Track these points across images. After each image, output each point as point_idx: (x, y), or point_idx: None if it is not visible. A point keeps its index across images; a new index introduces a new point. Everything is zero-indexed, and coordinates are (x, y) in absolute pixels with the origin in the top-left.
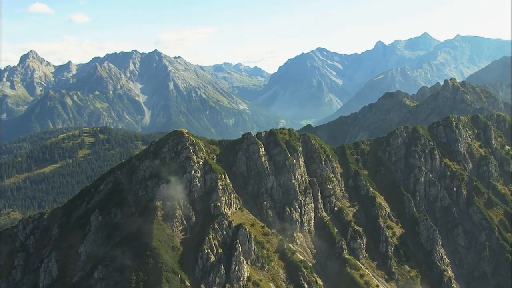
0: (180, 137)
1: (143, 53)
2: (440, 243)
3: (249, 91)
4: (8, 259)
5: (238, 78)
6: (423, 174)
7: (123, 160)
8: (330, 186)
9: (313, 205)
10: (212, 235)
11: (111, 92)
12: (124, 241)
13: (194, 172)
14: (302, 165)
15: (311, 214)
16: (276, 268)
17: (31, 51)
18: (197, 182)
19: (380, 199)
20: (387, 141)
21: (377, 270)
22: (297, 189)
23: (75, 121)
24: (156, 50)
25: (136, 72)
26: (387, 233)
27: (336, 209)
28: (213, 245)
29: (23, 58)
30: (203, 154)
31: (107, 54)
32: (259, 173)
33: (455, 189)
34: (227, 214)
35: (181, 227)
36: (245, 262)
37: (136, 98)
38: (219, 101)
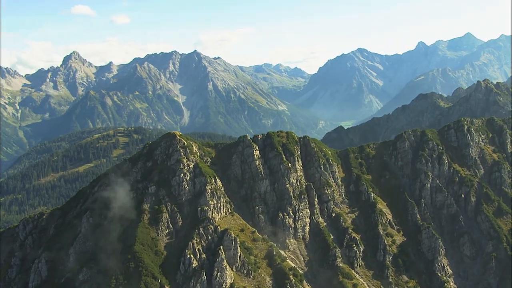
0: (172, 140)
1: (182, 53)
2: (443, 252)
3: (289, 92)
4: (8, 258)
5: (278, 78)
6: (430, 180)
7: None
8: (329, 191)
9: (308, 211)
10: (196, 240)
11: (150, 92)
12: (109, 244)
13: (183, 175)
14: (299, 169)
15: (306, 220)
16: (263, 275)
17: (73, 52)
18: (186, 186)
19: (381, 205)
20: (394, 145)
21: (373, 279)
22: (291, 194)
23: (114, 121)
24: (195, 50)
25: (176, 72)
26: (385, 241)
27: (333, 215)
28: (196, 250)
29: (66, 59)
30: (194, 157)
31: (147, 54)
32: (253, 176)
33: (463, 196)
34: (214, 218)
35: (167, 231)
36: (228, 268)
37: (175, 98)
38: (258, 102)
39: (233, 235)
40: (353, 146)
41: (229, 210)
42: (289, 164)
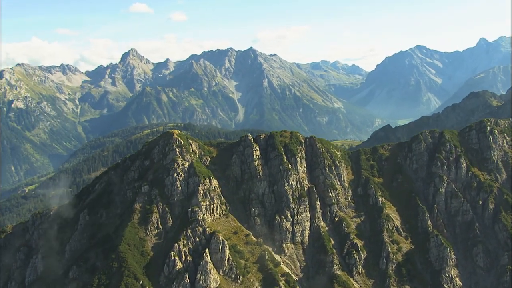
0: (169, 139)
1: (238, 50)
2: (452, 263)
3: (346, 89)
4: (17, 252)
5: (335, 76)
6: (445, 184)
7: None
8: (333, 194)
9: (308, 214)
10: (183, 242)
11: (206, 89)
12: (99, 242)
13: (176, 175)
14: (301, 171)
15: (306, 224)
16: (252, 280)
17: (131, 49)
18: (178, 186)
19: (389, 210)
20: (409, 147)
21: None
22: (290, 196)
23: (169, 117)
24: (251, 47)
25: (231, 69)
26: (389, 248)
27: (336, 219)
28: (182, 252)
29: (124, 56)
30: (190, 156)
31: (203, 51)
32: (252, 177)
33: (480, 202)
34: (205, 220)
35: (156, 232)
36: (214, 272)
37: (231, 95)
38: (313, 99)
39: (220, 237)
40: None
41: (224, 211)
42: (289, 165)
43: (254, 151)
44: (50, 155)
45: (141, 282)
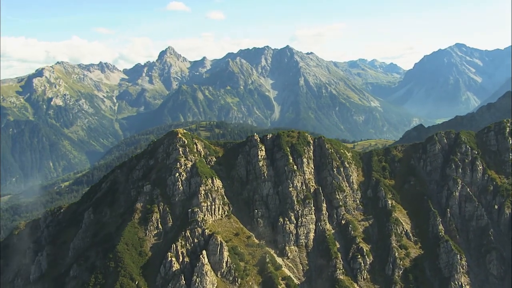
0: (173, 138)
1: (275, 49)
2: (463, 270)
3: (383, 88)
4: (26, 249)
5: (373, 74)
6: (459, 187)
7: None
8: (340, 196)
9: (313, 217)
10: (181, 243)
11: (242, 87)
12: (100, 241)
13: (178, 175)
14: (308, 172)
15: (310, 226)
16: (250, 283)
17: (168, 47)
18: (180, 186)
19: (399, 214)
20: (423, 148)
21: None
22: (294, 198)
23: (205, 115)
24: (288, 46)
25: (268, 67)
26: (396, 254)
27: (343, 222)
28: (179, 253)
29: (161, 54)
30: (194, 156)
31: (240, 50)
32: (256, 178)
33: (496, 207)
34: (206, 221)
35: (155, 232)
36: (211, 274)
37: (267, 93)
38: (349, 98)
39: (219, 239)
40: None
41: (226, 212)
42: (295, 166)
43: (259, 151)
44: (88, 152)
45: (136, 283)
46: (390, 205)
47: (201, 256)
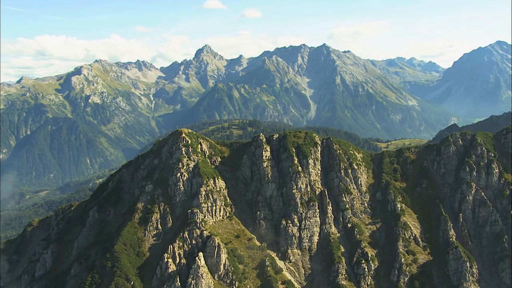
0: (177, 138)
1: (311, 47)
2: (473, 278)
3: (421, 86)
4: (36, 246)
5: (411, 73)
6: (472, 191)
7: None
8: (347, 199)
9: (318, 219)
10: (179, 244)
11: (278, 85)
12: (100, 240)
13: (180, 175)
14: (313, 173)
15: (314, 230)
16: (248, 286)
17: (205, 45)
18: (181, 186)
19: (409, 218)
20: (438, 150)
21: None
22: (298, 200)
23: (240, 113)
24: (324, 44)
25: (304, 66)
26: (403, 259)
27: (349, 225)
28: (176, 254)
29: (198, 53)
30: (197, 156)
31: (276, 48)
32: (260, 179)
33: None
34: (206, 222)
35: (155, 232)
36: (207, 276)
37: (303, 92)
38: (386, 96)
39: (216, 241)
40: None
41: (228, 213)
42: (299, 168)
43: (264, 152)
44: (124, 149)
45: (132, 283)
46: (399, 208)
47: (197, 258)
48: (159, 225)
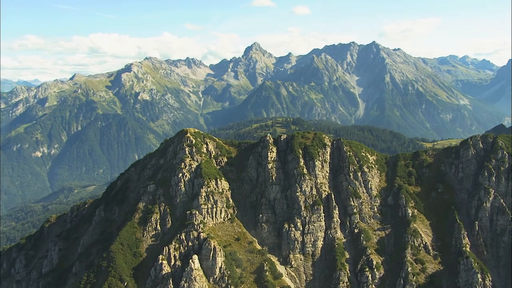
0: (182, 137)
1: (361, 45)
2: None
3: (474, 85)
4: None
5: (464, 71)
6: (490, 198)
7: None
8: (355, 203)
9: (323, 224)
10: (175, 246)
11: (326, 83)
12: (102, 239)
13: (182, 175)
14: (320, 176)
15: (318, 234)
16: None
17: (254, 43)
18: (182, 186)
19: (420, 224)
20: (456, 153)
21: None
22: (302, 203)
23: (287, 111)
24: (374, 42)
25: (353, 64)
26: (410, 268)
27: (356, 231)
28: (172, 256)
29: (247, 50)
30: (201, 156)
31: (326, 46)
32: (265, 181)
33: None
34: (203, 223)
35: (154, 233)
36: (201, 280)
37: (351, 90)
38: (437, 95)
39: (212, 244)
40: None
41: (230, 215)
42: (305, 170)
43: (269, 153)
44: None
45: (125, 284)
46: (410, 214)
47: (190, 260)
48: (158, 226)
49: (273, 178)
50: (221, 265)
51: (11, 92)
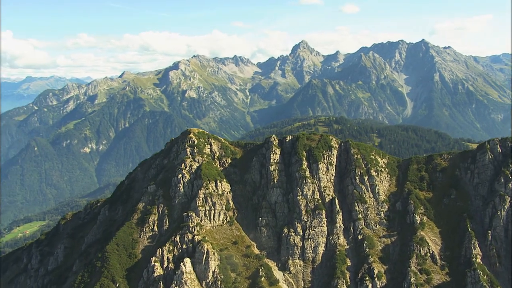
0: (185, 137)
1: (410, 43)
2: None
3: None
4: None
5: None
6: (506, 206)
7: None
8: (360, 208)
9: (325, 229)
10: (169, 248)
11: (373, 82)
12: (101, 238)
13: (181, 176)
14: (324, 179)
15: (319, 240)
16: None
17: (302, 41)
18: (181, 188)
19: (429, 232)
20: (473, 157)
21: None
22: (303, 207)
23: (334, 110)
24: (423, 40)
25: (401, 62)
26: (413, 279)
27: (360, 237)
28: (165, 258)
29: (295, 48)
30: (202, 157)
31: (374, 44)
32: (267, 183)
33: None
34: (199, 226)
35: (150, 234)
36: (192, 283)
37: (399, 89)
38: (488, 95)
39: (205, 247)
40: None
41: (229, 218)
42: (307, 172)
43: (272, 155)
44: None
45: (117, 285)
46: (418, 221)
47: (181, 264)
48: (155, 227)
49: (275, 180)
50: (215, 269)
51: (63, 89)
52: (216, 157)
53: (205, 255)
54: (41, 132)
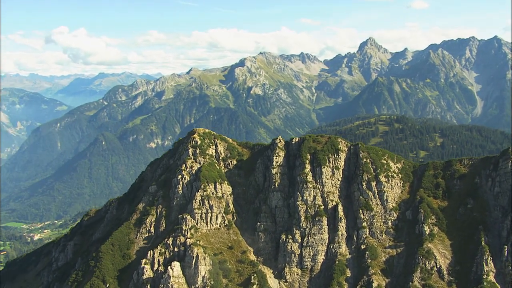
0: (188, 137)
1: (481, 40)
2: None
3: None
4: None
5: None
6: None
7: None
8: (365, 216)
9: (325, 237)
10: (160, 250)
11: (442, 80)
12: (103, 238)
13: (181, 177)
14: (328, 184)
15: (319, 248)
16: None
17: (369, 38)
18: (180, 189)
19: (438, 244)
20: (495, 163)
21: None
22: (302, 213)
23: (400, 108)
24: (495, 36)
25: (472, 60)
26: None
27: (363, 247)
28: (156, 261)
29: (362, 45)
30: (204, 158)
31: (443, 41)
32: (269, 187)
33: None
34: (194, 229)
35: (147, 235)
36: None
37: (469, 87)
38: None
39: (195, 251)
40: None
41: (227, 222)
42: (309, 177)
43: (275, 157)
44: None
45: (107, 286)
46: (427, 232)
47: (169, 267)
48: (152, 228)
49: (276, 184)
50: (205, 274)
51: (132, 85)
52: (221, 158)
53: (194, 259)
54: (109, 127)
